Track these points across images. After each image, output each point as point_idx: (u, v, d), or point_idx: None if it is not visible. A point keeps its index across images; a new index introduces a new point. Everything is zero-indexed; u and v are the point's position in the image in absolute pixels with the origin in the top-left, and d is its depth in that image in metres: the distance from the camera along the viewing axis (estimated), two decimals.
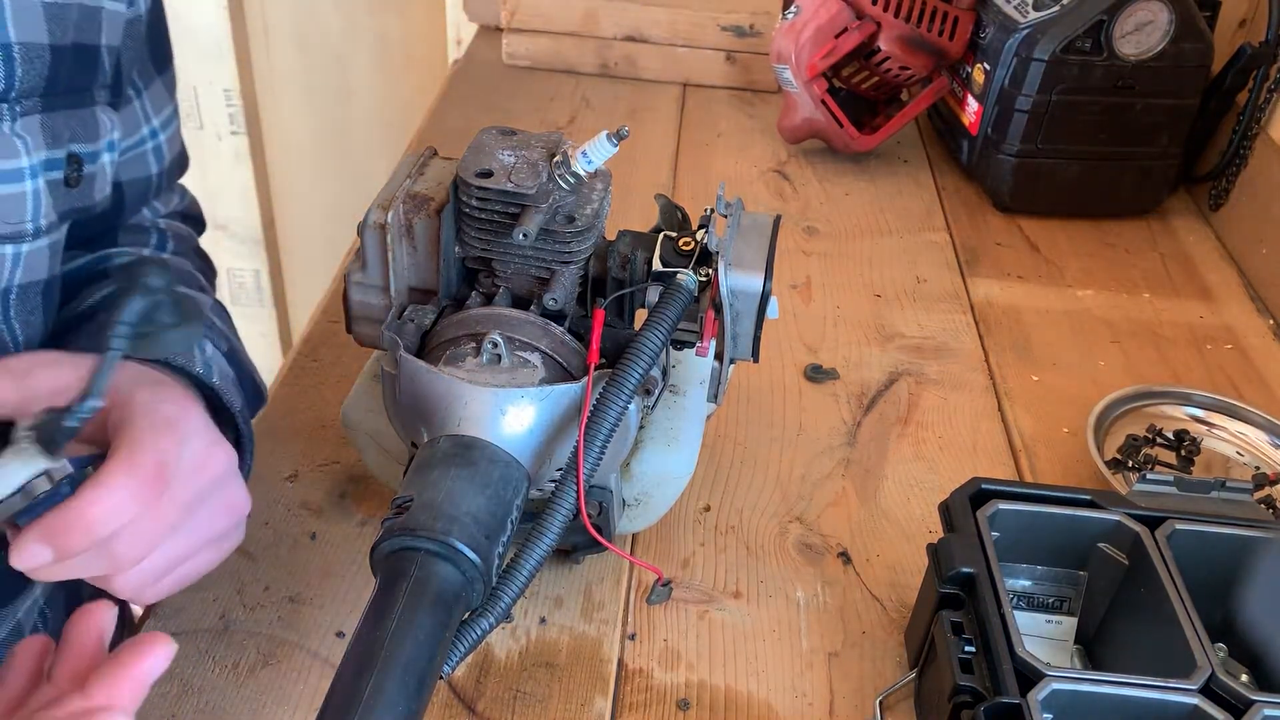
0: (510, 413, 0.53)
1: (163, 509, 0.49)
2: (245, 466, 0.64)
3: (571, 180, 0.57)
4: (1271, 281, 0.99)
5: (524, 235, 0.56)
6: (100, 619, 0.47)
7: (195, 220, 0.79)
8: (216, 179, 1.76)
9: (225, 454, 0.53)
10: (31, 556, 0.46)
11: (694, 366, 0.65)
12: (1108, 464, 0.76)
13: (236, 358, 0.66)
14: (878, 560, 0.69)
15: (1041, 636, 0.63)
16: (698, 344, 0.60)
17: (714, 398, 0.66)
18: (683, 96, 1.31)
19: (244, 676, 0.59)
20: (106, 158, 0.60)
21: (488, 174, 0.57)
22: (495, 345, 0.55)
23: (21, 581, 0.65)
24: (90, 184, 0.59)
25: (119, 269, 0.66)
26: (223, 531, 0.54)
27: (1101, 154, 1.06)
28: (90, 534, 0.46)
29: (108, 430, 0.49)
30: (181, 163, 0.74)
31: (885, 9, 1.07)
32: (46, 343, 0.60)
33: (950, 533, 0.60)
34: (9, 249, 0.55)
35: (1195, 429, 0.82)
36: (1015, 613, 0.55)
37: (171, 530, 0.50)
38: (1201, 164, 1.13)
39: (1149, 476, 0.64)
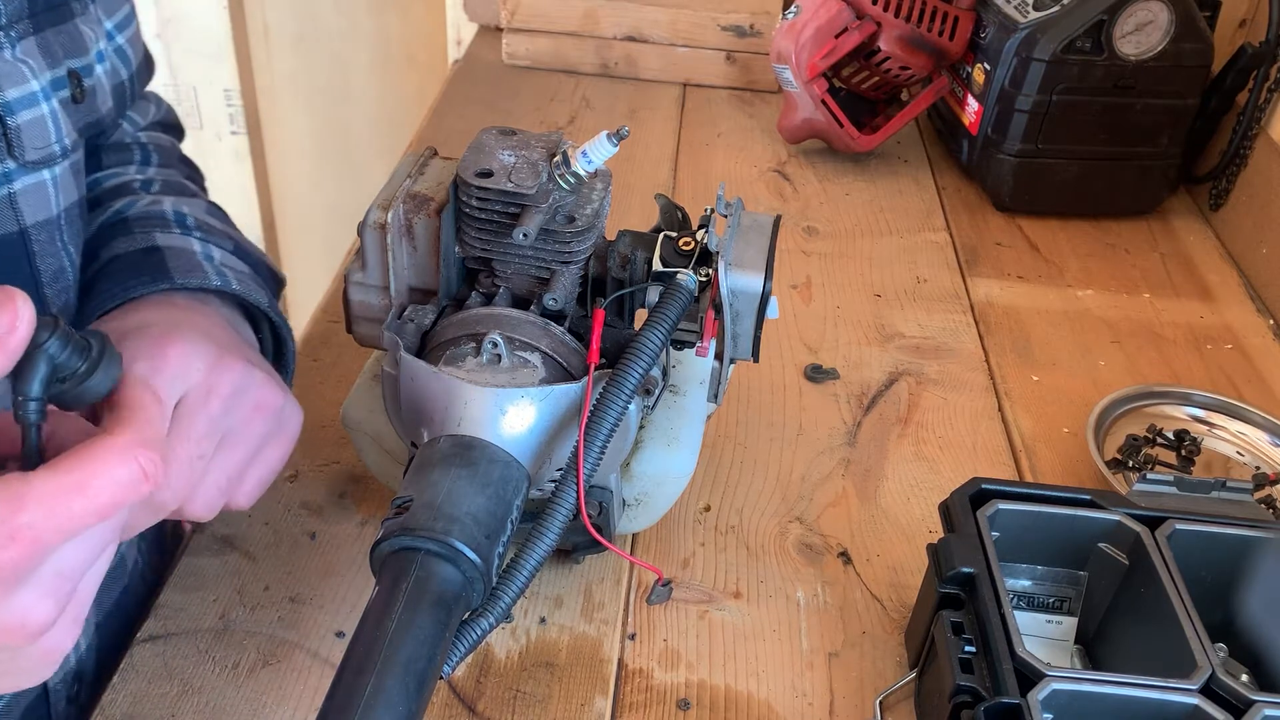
0: (510, 413, 0.53)
1: (182, 449, 0.48)
2: (288, 354, 0.66)
3: (571, 180, 0.57)
4: (1271, 281, 0.99)
5: (524, 235, 0.56)
6: None
7: (175, 129, 0.80)
8: (216, 179, 1.76)
9: (236, 364, 0.53)
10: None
11: (694, 366, 0.65)
12: (1108, 464, 0.76)
13: (243, 250, 0.67)
14: (878, 560, 0.69)
15: (1041, 636, 0.63)
16: (698, 344, 0.60)
17: (714, 398, 0.66)
18: (683, 96, 1.31)
19: (244, 676, 0.59)
20: (100, 69, 0.61)
21: (488, 174, 0.57)
22: (495, 345, 0.55)
23: None
24: (94, 97, 0.60)
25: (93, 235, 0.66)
26: (266, 432, 0.54)
27: (1101, 154, 1.06)
28: (103, 515, 0.44)
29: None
30: (149, 66, 0.73)
31: (885, 9, 1.07)
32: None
33: (950, 533, 0.60)
34: (46, 175, 0.56)
35: (1195, 429, 0.82)
36: (1015, 613, 0.55)
37: (203, 459, 0.50)
38: (1201, 164, 1.13)
39: (1149, 476, 0.64)
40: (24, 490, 0.39)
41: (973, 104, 1.10)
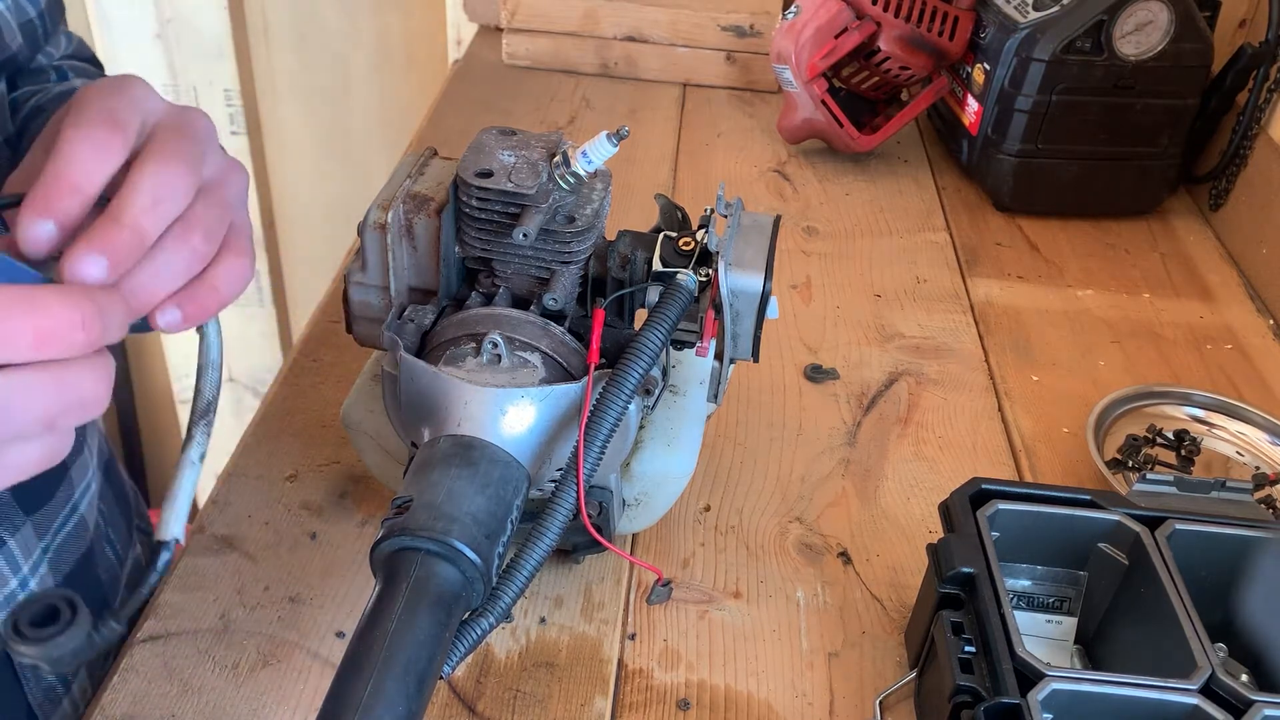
0: (510, 413, 0.53)
1: (171, 145, 0.45)
2: None
3: (571, 180, 0.57)
4: (1271, 281, 0.99)
5: (524, 235, 0.56)
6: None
7: (90, 60, 0.78)
8: None
9: (200, 113, 0.49)
10: (33, 229, 0.42)
11: (694, 366, 0.65)
12: (1108, 464, 0.76)
13: None
14: (878, 560, 0.69)
15: (1041, 636, 0.63)
16: (698, 344, 0.60)
17: (714, 398, 0.66)
18: (683, 96, 1.31)
19: (244, 676, 0.59)
20: (2, 5, 0.60)
21: (488, 174, 0.57)
22: (495, 345, 0.55)
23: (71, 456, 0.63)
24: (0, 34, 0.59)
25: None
26: (234, 213, 0.48)
27: (1101, 154, 1.06)
28: (78, 189, 0.42)
29: None
30: (59, 3, 0.71)
31: (885, 9, 1.07)
32: None
33: (950, 533, 0.60)
34: None
35: (1195, 429, 0.82)
36: (1015, 613, 0.55)
37: (195, 160, 0.46)
38: (1201, 164, 1.13)
39: (1149, 476, 0.64)
40: None
41: (973, 104, 1.10)
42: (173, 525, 0.46)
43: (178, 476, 0.47)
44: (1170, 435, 0.81)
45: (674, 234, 0.61)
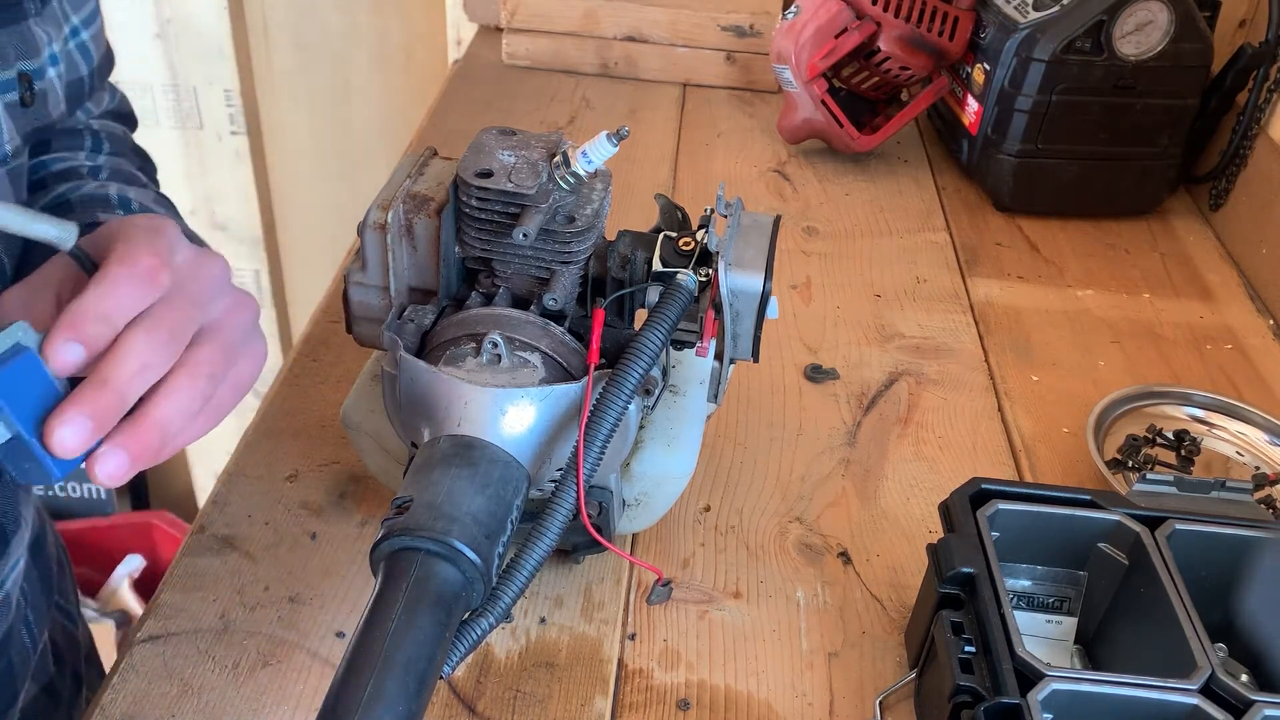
0: (510, 413, 0.53)
1: (176, 308, 0.47)
2: None
3: (571, 180, 0.57)
4: (1271, 281, 0.99)
5: (524, 235, 0.56)
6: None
7: (127, 117, 0.78)
8: (216, 179, 1.76)
9: (219, 258, 0.52)
10: (64, 349, 0.44)
11: (694, 366, 0.65)
12: (1108, 464, 0.76)
13: (191, 235, 0.65)
14: (878, 560, 0.69)
15: (1041, 636, 0.63)
16: (698, 344, 0.60)
17: (714, 398, 0.66)
18: (683, 96, 1.31)
19: (244, 676, 0.59)
20: (52, 72, 0.59)
21: (488, 174, 0.57)
22: (495, 345, 0.55)
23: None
24: (44, 101, 0.59)
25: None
26: (244, 336, 0.52)
27: (1101, 154, 1.06)
28: (110, 322, 0.45)
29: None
30: (109, 60, 0.72)
31: (885, 9, 1.07)
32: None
33: (950, 533, 0.60)
34: None
35: (1195, 429, 0.82)
36: (1015, 613, 0.55)
37: (191, 324, 0.48)
38: (1201, 164, 1.13)
39: (1149, 476, 0.64)
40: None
41: (973, 104, 1.10)
42: None
43: None
44: (1170, 435, 0.81)
45: (674, 234, 0.61)
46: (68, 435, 0.43)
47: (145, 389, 0.46)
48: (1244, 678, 0.59)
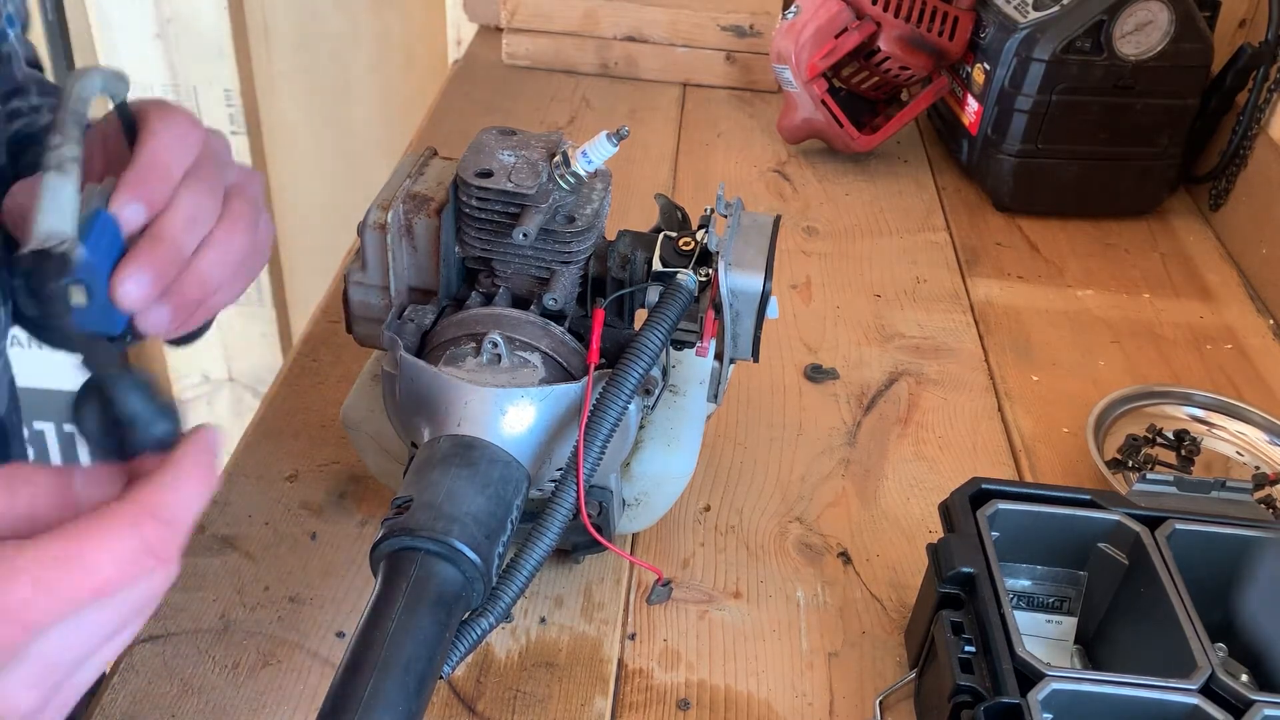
0: (510, 413, 0.53)
1: (210, 166, 0.49)
2: None
3: (571, 180, 0.57)
4: (1271, 281, 0.99)
5: (524, 235, 0.56)
6: None
7: (39, 67, 0.79)
8: None
9: (221, 132, 0.53)
10: (127, 209, 0.45)
11: (694, 366, 0.65)
12: (1108, 464, 0.76)
13: None
14: (878, 560, 0.69)
15: (1041, 636, 0.63)
16: (698, 344, 0.60)
17: (714, 398, 0.66)
18: (683, 96, 1.31)
19: (244, 676, 0.59)
20: (11, 32, 0.60)
21: (488, 174, 0.57)
22: (495, 345, 0.55)
23: None
24: (9, 64, 0.60)
25: None
26: (255, 210, 0.52)
27: (1101, 154, 1.06)
28: (166, 177, 0.46)
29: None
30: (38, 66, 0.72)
31: (885, 9, 1.07)
32: None
33: (950, 533, 0.60)
34: None
35: (1195, 429, 0.82)
36: (1015, 613, 0.55)
37: (222, 182, 0.50)
38: (1201, 164, 1.13)
39: (1149, 476, 0.64)
40: (15, 558, 0.34)
41: (972, 104, 1.10)
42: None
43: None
44: (1170, 435, 0.81)
45: (674, 234, 0.61)
46: (133, 289, 0.44)
47: (197, 242, 0.47)
48: (1244, 678, 0.59)
